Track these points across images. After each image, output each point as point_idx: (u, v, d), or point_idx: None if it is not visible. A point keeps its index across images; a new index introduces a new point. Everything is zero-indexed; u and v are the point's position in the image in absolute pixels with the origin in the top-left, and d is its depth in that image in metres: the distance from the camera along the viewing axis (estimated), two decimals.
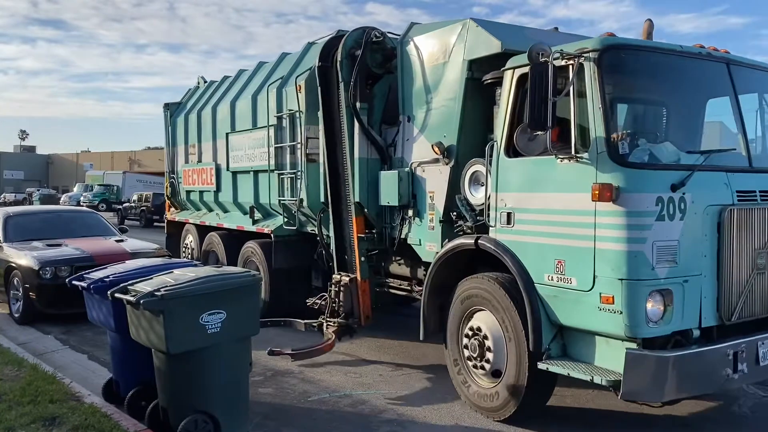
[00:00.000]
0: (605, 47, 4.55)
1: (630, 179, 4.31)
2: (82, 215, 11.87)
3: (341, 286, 7.12)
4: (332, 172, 7.30)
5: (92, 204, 39.07)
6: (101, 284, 5.34)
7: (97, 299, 5.45)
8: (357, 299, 7.04)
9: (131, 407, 5.26)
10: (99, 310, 5.53)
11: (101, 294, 5.24)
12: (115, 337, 5.55)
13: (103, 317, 5.47)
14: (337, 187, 7.28)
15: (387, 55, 7.12)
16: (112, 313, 5.24)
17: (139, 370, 5.24)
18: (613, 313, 4.34)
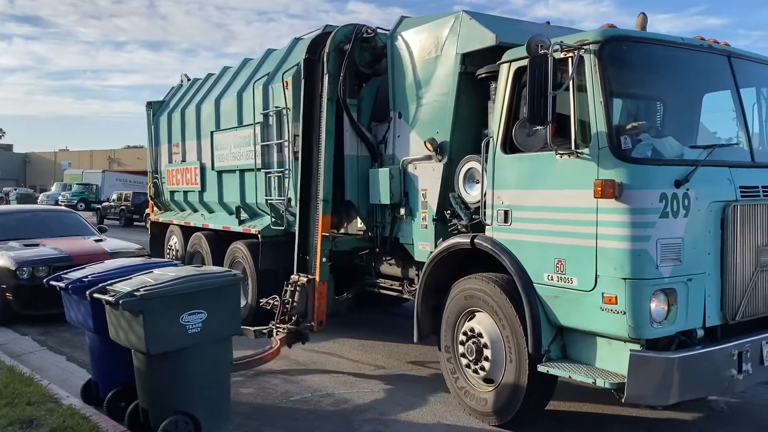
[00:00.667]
0: (606, 39, 4.42)
1: (633, 175, 4.18)
2: (60, 215, 11.67)
3: (297, 286, 6.83)
4: (306, 168, 7.09)
5: (71, 203, 38.50)
6: (79, 284, 5.20)
7: (75, 299, 5.30)
8: (312, 301, 6.74)
9: (110, 409, 5.17)
10: (77, 310, 5.38)
11: (79, 294, 5.10)
12: (93, 338, 5.42)
13: (82, 317, 5.33)
14: (309, 184, 7.04)
15: (376, 55, 6.93)
16: (91, 313, 5.10)
17: (119, 371, 5.15)
18: (616, 313, 4.21)
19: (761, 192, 4.64)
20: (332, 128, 6.82)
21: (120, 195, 31.64)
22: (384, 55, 6.75)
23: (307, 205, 7.06)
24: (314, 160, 7.01)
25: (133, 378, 4.83)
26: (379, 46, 6.89)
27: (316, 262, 6.77)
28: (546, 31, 5.70)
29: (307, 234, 6.99)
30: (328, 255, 6.78)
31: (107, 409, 5.17)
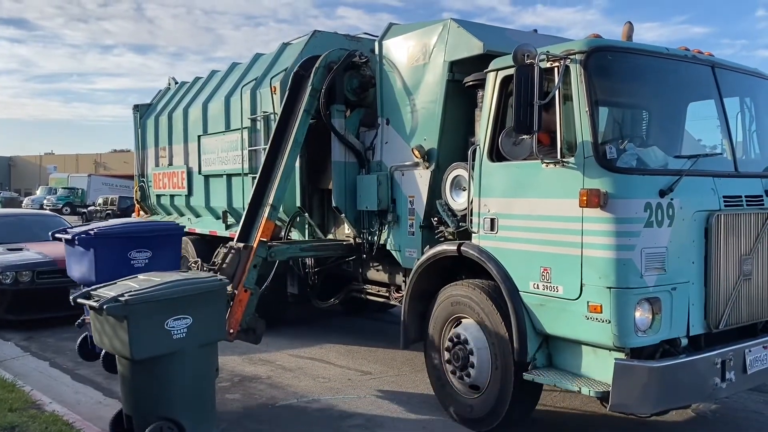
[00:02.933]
0: (592, 49, 4.45)
1: (618, 184, 4.21)
2: (45, 219, 11.58)
3: (232, 249, 6.49)
4: (265, 173, 6.84)
5: (56, 207, 38.22)
6: (84, 236, 5.38)
7: (80, 252, 5.44)
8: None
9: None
10: (81, 263, 5.49)
11: (84, 245, 5.35)
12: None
13: (86, 270, 5.47)
14: (264, 189, 6.80)
15: (363, 84, 6.91)
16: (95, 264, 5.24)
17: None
18: (600, 322, 4.23)
19: (744, 201, 4.69)
20: (300, 139, 6.70)
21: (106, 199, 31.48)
22: (372, 85, 6.76)
23: (255, 211, 6.73)
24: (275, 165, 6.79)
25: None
26: (368, 74, 6.86)
27: (245, 266, 6.31)
28: (533, 39, 5.74)
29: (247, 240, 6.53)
30: (260, 263, 6.35)
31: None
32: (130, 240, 5.78)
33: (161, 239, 6.03)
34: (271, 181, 6.73)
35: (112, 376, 5.86)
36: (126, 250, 5.69)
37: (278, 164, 6.76)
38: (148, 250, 5.79)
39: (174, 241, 6.26)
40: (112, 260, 5.59)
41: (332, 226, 7.72)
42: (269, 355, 7.38)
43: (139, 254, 5.72)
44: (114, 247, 5.66)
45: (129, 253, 5.69)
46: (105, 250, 5.62)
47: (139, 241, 5.79)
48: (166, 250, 6.00)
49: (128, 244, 5.72)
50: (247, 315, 6.20)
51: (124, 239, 5.76)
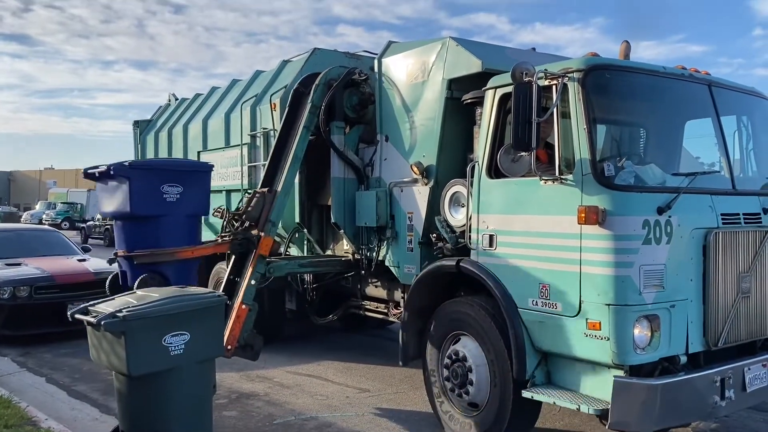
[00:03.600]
0: (590, 67, 4.49)
1: (617, 202, 4.22)
2: (44, 234, 11.58)
3: (257, 194, 6.59)
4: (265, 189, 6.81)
5: (54, 222, 38.14)
6: (121, 167, 5.71)
7: (114, 185, 5.80)
8: (227, 323, 6.21)
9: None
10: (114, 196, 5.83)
11: (121, 175, 5.71)
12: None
13: (121, 202, 5.72)
14: (263, 205, 6.72)
15: (363, 101, 6.95)
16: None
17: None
18: (599, 339, 4.22)
19: (742, 219, 4.70)
20: (300, 155, 6.75)
21: None
22: (371, 102, 6.80)
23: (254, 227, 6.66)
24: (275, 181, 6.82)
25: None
26: (368, 91, 6.90)
27: (244, 283, 6.32)
28: (531, 57, 5.79)
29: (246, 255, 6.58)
30: (258, 279, 6.35)
31: None
32: (164, 173, 5.94)
33: (192, 176, 6.19)
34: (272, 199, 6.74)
35: (109, 392, 5.85)
36: (160, 182, 5.83)
37: (277, 180, 6.78)
38: (180, 186, 5.91)
39: (204, 178, 6.39)
40: (146, 191, 5.76)
41: (331, 242, 7.72)
42: (267, 371, 7.34)
43: (171, 188, 5.86)
44: (149, 179, 5.81)
45: (162, 187, 5.83)
46: (140, 181, 5.75)
47: (172, 176, 5.92)
48: (196, 187, 6.16)
49: (162, 177, 5.87)
50: (245, 331, 6.17)
51: (158, 171, 5.96)
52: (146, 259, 5.79)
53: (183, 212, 5.98)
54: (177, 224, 5.95)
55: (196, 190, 6.12)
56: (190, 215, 6.15)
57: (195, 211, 6.21)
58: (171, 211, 5.86)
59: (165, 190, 5.81)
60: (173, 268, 5.93)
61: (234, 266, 6.63)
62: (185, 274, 6.04)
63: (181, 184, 5.90)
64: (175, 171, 6.04)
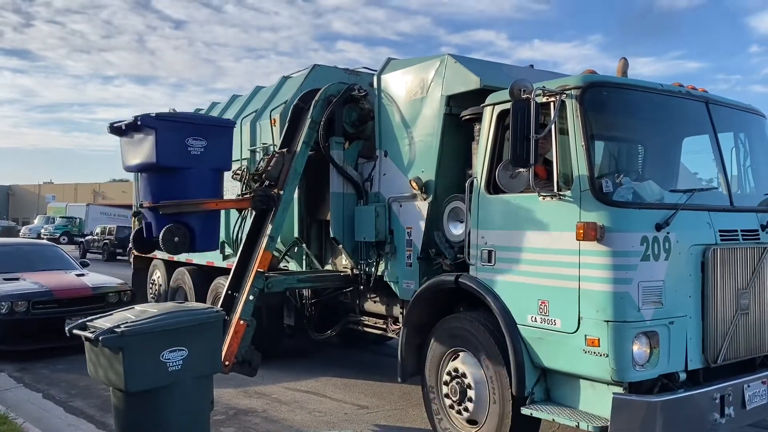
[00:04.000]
0: (587, 84, 4.52)
1: (615, 218, 4.23)
2: (42, 248, 11.56)
3: (276, 153, 6.64)
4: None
5: (53, 236, 38.08)
6: (149, 118, 5.76)
7: (140, 137, 5.88)
8: (225, 339, 6.17)
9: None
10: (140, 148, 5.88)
11: (148, 126, 5.77)
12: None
13: (146, 154, 5.80)
14: (262, 220, 6.83)
15: (362, 117, 6.98)
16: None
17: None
18: (598, 356, 4.21)
19: (740, 235, 4.71)
20: (299, 170, 6.78)
21: (103, 228, 31.34)
22: (371, 118, 6.84)
23: (253, 242, 6.78)
24: None
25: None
26: (367, 107, 6.93)
27: (242, 298, 6.29)
28: (529, 74, 5.83)
29: (245, 270, 6.62)
30: (256, 294, 6.31)
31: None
32: (189, 126, 6.01)
33: (216, 130, 6.30)
34: (271, 215, 6.76)
35: (106, 408, 5.81)
36: (185, 135, 5.91)
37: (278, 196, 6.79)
38: (204, 140, 6.00)
39: (227, 134, 6.48)
40: (172, 143, 5.85)
41: (330, 257, 7.72)
42: (265, 387, 7.31)
43: (196, 142, 5.95)
44: (174, 131, 5.88)
45: (186, 140, 5.91)
46: (166, 132, 5.82)
47: (197, 129, 6.02)
48: (220, 142, 6.26)
49: (187, 130, 5.95)
50: (243, 347, 6.15)
51: (183, 124, 6.02)
52: (171, 210, 5.91)
53: (207, 166, 6.08)
54: (201, 178, 6.06)
55: (219, 145, 6.22)
56: (214, 169, 6.24)
57: (218, 165, 6.28)
58: (195, 164, 5.97)
59: (190, 143, 5.91)
60: (198, 219, 6.07)
61: (232, 281, 6.62)
62: (210, 226, 6.24)
63: (205, 138, 6.00)
64: (199, 125, 6.13)
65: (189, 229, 5.96)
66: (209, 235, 6.32)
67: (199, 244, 6.15)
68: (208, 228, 6.18)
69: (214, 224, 6.44)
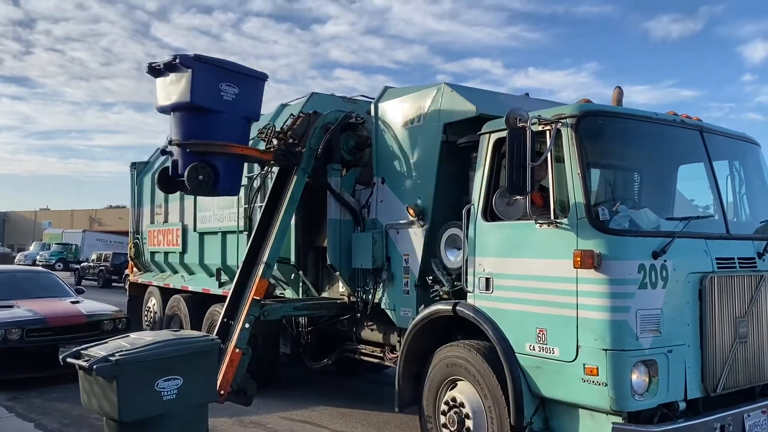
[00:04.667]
0: (583, 113, 4.57)
1: (612, 246, 4.24)
2: (37, 275, 11.46)
3: (301, 114, 6.73)
4: (261, 231, 6.91)
5: (48, 263, 37.87)
6: (186, 57, 5.99)
7: (176, 76, 6.10)
8: (220, 367, 5.93)
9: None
10: (175, 86, 6.04)
11: (184, 65, 5.97)
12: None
13: (181, 92, 6.01)
14: (259, 247, 6.81)
15: (359, 144, 7.04)
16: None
17: None
18: (597, 385, 4.18)
19: (737, 263, 4.72)
20: (297, 196, 6.79)
21: (99, 255, 31.20)
22: (368, 145, 6.89)
23: (249, 269, 6.75)
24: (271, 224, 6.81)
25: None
26: (364, 135, 6.99)
27: (237, 326, 6.24)
28: (525, 102, 5.89)
29: (241, 298, 6.57)
30: (252, 322, 6.28)
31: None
32: (223, 71, 6.20)
33: (248, 80, 6.45)
34: (267, 239, 6.74)
35: None
36: (219, 80, 6.12)
37: (274, 222, 6.79)
38: (237, 87, 6.22)
39: (259, 85, 6.61)
40: (207, 84, 6.05)
41: (326, 285, 7.68)
42: (260, 417, 7.21)
43: (229, 88, 6.17)
44: (209, 73, 6.08)
45: (220, 84, 6.11)
46: (201, 73, 6.01)
47: (230, 76, 6.21)
48: (251, 92, 6.43)
49: (221, 75, 6.16)
50: (239, 376, 6.09)
51: (218, 69, 6.19)
52: (200, 149, 6.10)
53: (237, 113, 6.29)
54: (231, 123, 6.25)
55: (250, 95, 6.41)
56: (243, 118, 6.43)
57: (248, 114, 6.46)
58: (226, 109, 6.16)
59: (223, 88, 6.12)
60: (223, 161, 6.23)
61: (228, 308, 6.58)
62: (233, 171, 6.42)
63: (238, 86, 6.21)
64: (233, 72, 6.28)
65: (214, 170, 6.14)
66: (232, 179, 6.50)
67: (221, 186, 6.31)
68: (231, 172, 6.38)
69: (237, 170, 6.62)
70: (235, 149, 6.33)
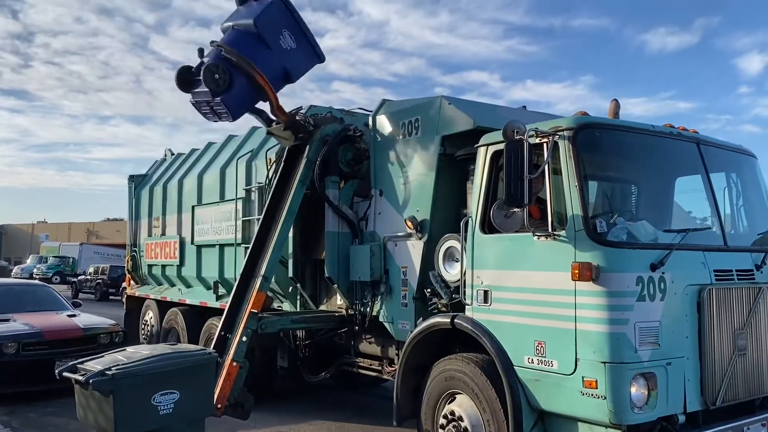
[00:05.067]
0: (580, 126, 4.58)
1: (610, 258, 4.24)
2: (34, 288, 11.42)
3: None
4: (258, 244, 6.90)
5: (45, 276, 37.75)
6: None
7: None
8: (217, 381, 5.89)
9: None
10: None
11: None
12: None
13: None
14: (257, 260, 6.81)
15: (357, 156, 7.06)
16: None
17: None
18: (596, 398, 4.16)
19: (735, 275, 4.71)
20: (295, 209, 6.79)
21: (96, 268, 31.11)
22: (366, 158, 6.90)
23: (247, 282, 6.73)
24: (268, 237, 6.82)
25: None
26: (362, 147, 7.01)
27: (235, 339, 6.23)
28: (522, 115, 5.91)
29: (238, 311, 6.56)
30: (250, 335, 6.27)
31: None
32: (294, 23, 6.71)
33: (304, 42, 6.85)
34: (264, 252, 6.73)
35: None
36: (283, 27, 6.62)
37: (272, 234, 6.79)
38: (295, 44, 6.70)
39: (312, 58, 7.04)
40: (275, 20, 6.57)
41: (324, 297, 7.66)
42: (258, 431, 7.16)
43: (289, 38, 6.65)
44: (280, 15, 6.62)
45: (283, 31, 6.62)
46: (277, 9, 6.57)
47: (296, 32, 6.71)
48: (299, 53, 6.85)
49: (291, 25, 6.67)
50: (236, 389, 6.05)
51: (292, 19, 6.71)
52: (232, 56, 6.35)
53: (281, 61, 6.66)
54: (271, 64, 6.57)
55: (300, 59, 6.86)
56: (283, 68, 6.73)
57: (289, 68, 6.78)
58: (276, 50, 6.58)
59: (284, 35, 6.60)
60: (242, 82, 6.43)
61: (225, 322, 6.55)
62: (246, 95, 6.58)
63: (297, 44, 6.72)
64: (301, 31, 6.77)
65: (231, 81, 6.34)
66: (238, 102, 6.60)
67: (227, 98, 6.41)
68: (243, 96, 6.55)
69: (248, 98, 6.71)
70: (259, 77, 6.48)
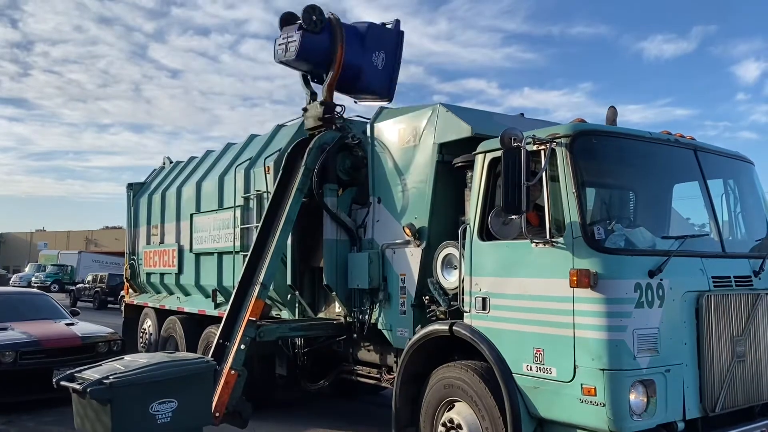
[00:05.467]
0: (577, 133, 4.59)
1: (608, 265, 4.24)
2: (32, 297, 11.39)
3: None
4: (257, 251, 6.92)
5: (44, 285, 37.65)
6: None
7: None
8: (215, 389, 5.86)
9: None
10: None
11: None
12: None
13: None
14: (255, 267, 6.81)
15: (356, 164, 7.08)
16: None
17: None
18: (595, 405, 4.15)
19: (733, 282, 4.71)
20: (293, 217, 6.80)
21: (95, 276, 31.06)
22: (364, 165, 6.91)
23: (245, 289, 6.73)
24: (266, 244, 6.82)
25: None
26: (360, 155, 7.03)
27: (233, 347, 6.23)
28: (519, 123, 5.93)
29: (236, 319, 6.55)
30: (248, 343, 6.25)
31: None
32: (361, 35, 7.53)
33: (364, 42, 7.58)
34: (263, 259, 6.73)
35: None
36: (378, 48, 7.58)
37: (270, 242, 6.79)
38: (384, 59, 7.62)
39: (394, 68, 7.87)
40: (350, 29, 7.44)
41: (323, 305, 7.65)
42: None
43: (378, 57, 7.57)
44: (351, 27, 7.48)
45: (379, 51, 7.62)
46: (346, 24, 7.41)
47: (353, 34, 7.42)
48: (353, 47, 7.46)
49: (387, 52, 7.66)
50: (234, 398, 6.03)
51: (359, 32, 7.50)
52: (334, 20, 7.16)
53: (362, 64, 7.47)
54: (355, 59, 7.40)
55: (377, 76, 7.65)
56: (358, 69, 7.48)
57: (361, 74, 7.51)
58: (365, 57, 7.45)
59: (379, 53, 7.57)
60: (326, 39, 7.21)
61: (224, 330, 6.54)
62: (319, 47, 7.19)
63: (382, 66, 7.64)
64: (392, 60, 7.70)
65: (319, 30, 7.14)
66: (309, 50, 7.18)
67: (305, 40, 7.09)
68: (315, 48, 7.19)
69: (316, 53, 7.28)
70: (341, 50, 7.18)
